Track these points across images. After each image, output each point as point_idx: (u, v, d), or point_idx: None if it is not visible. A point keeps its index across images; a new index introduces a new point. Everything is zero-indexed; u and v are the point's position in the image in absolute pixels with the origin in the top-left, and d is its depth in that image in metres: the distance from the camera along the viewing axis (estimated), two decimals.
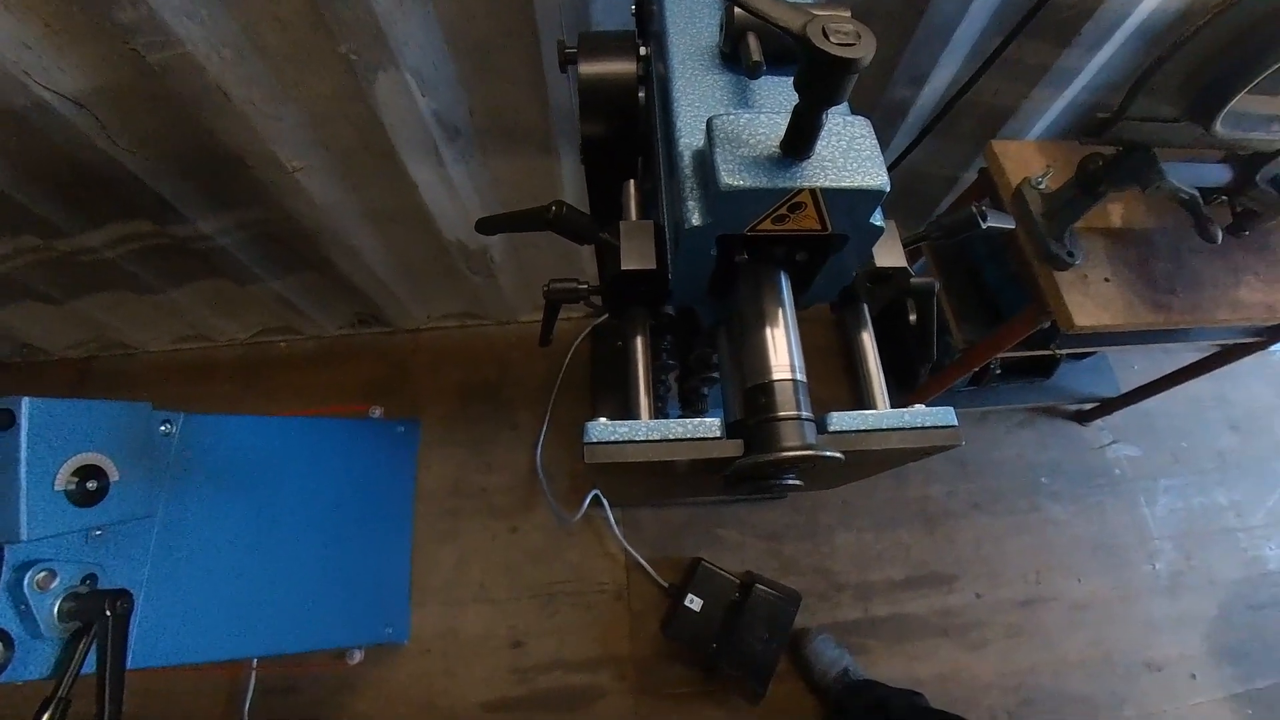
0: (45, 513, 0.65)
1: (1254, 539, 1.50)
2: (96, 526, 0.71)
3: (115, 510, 0.72)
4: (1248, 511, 1.53)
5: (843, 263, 0.51)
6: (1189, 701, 1.33)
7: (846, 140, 0.43)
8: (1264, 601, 1.44)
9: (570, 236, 0.57)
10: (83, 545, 0.71)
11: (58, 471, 0.66)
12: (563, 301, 0.61)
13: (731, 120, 0.42)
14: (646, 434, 0.46)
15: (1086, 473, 1.52)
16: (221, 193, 1.01)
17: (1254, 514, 1.53)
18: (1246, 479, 1.56)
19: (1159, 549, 1.47)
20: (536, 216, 0.56)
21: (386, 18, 0.75)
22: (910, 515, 1.44)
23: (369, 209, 1.09)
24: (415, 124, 0.91)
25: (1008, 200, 0.97)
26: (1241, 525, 1.51)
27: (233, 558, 0.92)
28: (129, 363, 1.48)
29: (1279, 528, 1.52)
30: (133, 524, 0.76)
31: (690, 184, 0.46)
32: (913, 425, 0.48)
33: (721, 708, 1.24)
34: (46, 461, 0.66)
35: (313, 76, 0.82)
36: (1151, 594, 1.42)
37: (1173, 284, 0.94)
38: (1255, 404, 1.66)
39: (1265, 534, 1.51)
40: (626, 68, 0.60)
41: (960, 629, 1.35)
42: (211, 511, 0.89)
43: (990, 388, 1.42)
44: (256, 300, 1.33)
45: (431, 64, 0.85)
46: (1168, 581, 1.44)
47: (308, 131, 0.91)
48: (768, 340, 0.48)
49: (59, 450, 0.67)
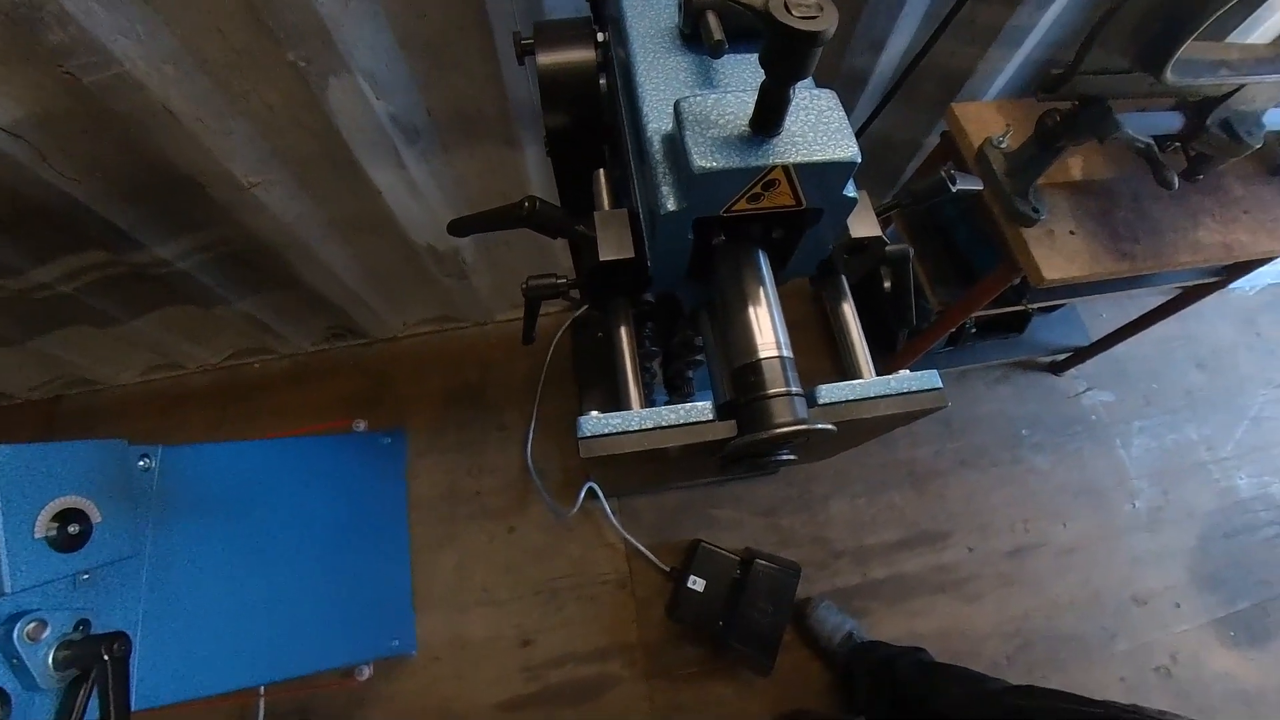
0: (28, 562, 0.63)
1: (1225, 470, 1.57)
2: (83, 571, 0.69)
3: (100, 552, 0.70)
4: (1218, 444, 1.59)
5: (819, 236, 0.51)
6: (1175, 630, 1.40)
7: (815, 114, 0.43)
8: (1238, 529, 1.51)
9: (545, 232, 0.56)
10: (71, 591, 0.69)
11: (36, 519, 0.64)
12: (542, 298, 0.60)
13: (699, 102, 0.42)
14: (640, 423, 0.46)
15: (1064, 421, 1.57)
16: (177, 215, 0.97)
17: (1224, 447, 1.59)
18: (1215, 414, 1.63)
19: (1137, 488, 1.52)
20: (509, 214, 0.55)
21: (333, 20, 0.73)
22: (900, 478, 1.47)
23: (333, 219, 1.07)
24: (373, 128, 0.89)
25: (971, 161, 0.99)
26: (1213, 458, 1.58)
27: (228, 587, 0.90)
28: (98, 399, 1.44)
29: (1248, 458, 1.59)
30: (121, 564, 0.74)
31: (662, 169, 0.45)
32: (900, 391, 0.49)
33: (732, 683, 1.26)
34: (23, 510, 0.63)
35: (262, 87, 0.80)
36: (1133, 531, 1.47)
37: (1134, 232, 0.96)
38: (1219, 341, 1.72)
39: (1235, 465, 1.58)
40: (585, 55, 0.59)
41: (956, 583, 1.39)
42: (201, 543, 0.87)
43: (967, 347, 1.45)
44: (225, 323, 1.29)
45: (384, 65, 0.82)
46: (1147, 518, 1.49)
47: (262, 144, 0.88)
48: (752, 319, 0.49)
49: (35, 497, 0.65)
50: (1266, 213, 1.00)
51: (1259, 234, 0.99)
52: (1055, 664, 1.34)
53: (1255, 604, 1.44)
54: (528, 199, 0.54)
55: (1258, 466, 1.58)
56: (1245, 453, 1.59)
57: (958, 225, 1.20)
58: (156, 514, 0.80)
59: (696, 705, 1.25)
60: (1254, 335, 1.74)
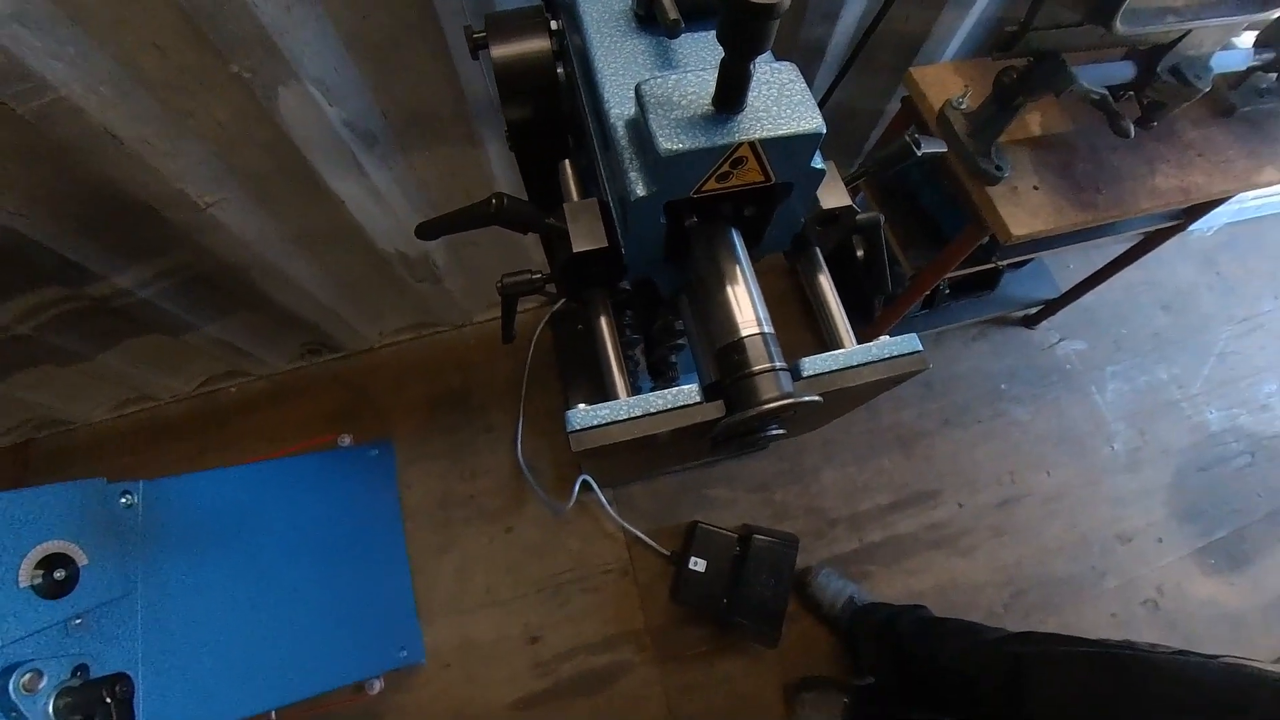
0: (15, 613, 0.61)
1: (1196, 406, 1.62)
2: (74, 615, 0.67)
3: (90, 595, 0.69)
4: (1187, 382, 1.65)
5: (791, 210, 0.51)
6: (1160, 563, 1.45)
7: (777, 87, 0.43)
8: (1211, 461, 1.56)
9: (515, 228, 0.55)
10: (64, 637, 0.67)
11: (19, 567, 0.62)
12: (518, 295, 0.60)
13: (660, 83, 0.42)
14: (629, 412, 0.46)
15: (1040, 372, 1.61)
16: (133, 242, 0.94)
17: (1193, 384, 1.65)
18: (1183, 353, 1.68)
19: (1115, 431, 1.57)
20: (478, 213, 0.54)
21: (275, 28, 0.70)
22: (887, 442, 1.49)
23: (297, 234, 1.04)
24: (328, 136, 0.87)
25: (933, 124, 0.99)
26: (1184, 396, 1.63)
27: (228, 615, 0.89)
28: (72, 439, 1.39)
29: (1216, 393, 1.65)
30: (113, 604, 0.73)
31: (628, 155, 0.45)
32: (882, 357, 0.49)
33: (742, 657, 1.28)
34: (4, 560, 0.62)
35: (208, 103, 0.77)
36: (1114, 473, 1.52)
37: (1095, 182, 0.98)
38: (1181, 283, 1.77)
39: (1205, 400, 1.63)
40: (540, 45, 0.58)
41: (949, 539, 1.42)
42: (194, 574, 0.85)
43: (942, 308, 1.48)
44: (195, 349, 1.26)
45: (333, 70, 0.80)
46: (1126, 459, 1.54)
47: (214, 162, 0.85)
48: (730, 299, 0.49)
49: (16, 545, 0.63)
50: (1219, 154, 1.03)
51: (1213, 175, 1.01)
52: (1049, 607, 1.39)
53: (1232, 531, 1.50)
54: (494, 196, 0.53)
55: (1226, 400, 1.64)
56: (1213, 388, 1.65)
57: (924, 189, 1.21)
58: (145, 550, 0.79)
59: (708, 683, 1.27)
60: (1214, 275, 1.80)
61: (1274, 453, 1.60)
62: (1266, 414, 1.64)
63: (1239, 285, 1.79)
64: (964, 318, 1.51)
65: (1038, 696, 0.74)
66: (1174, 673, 0.65)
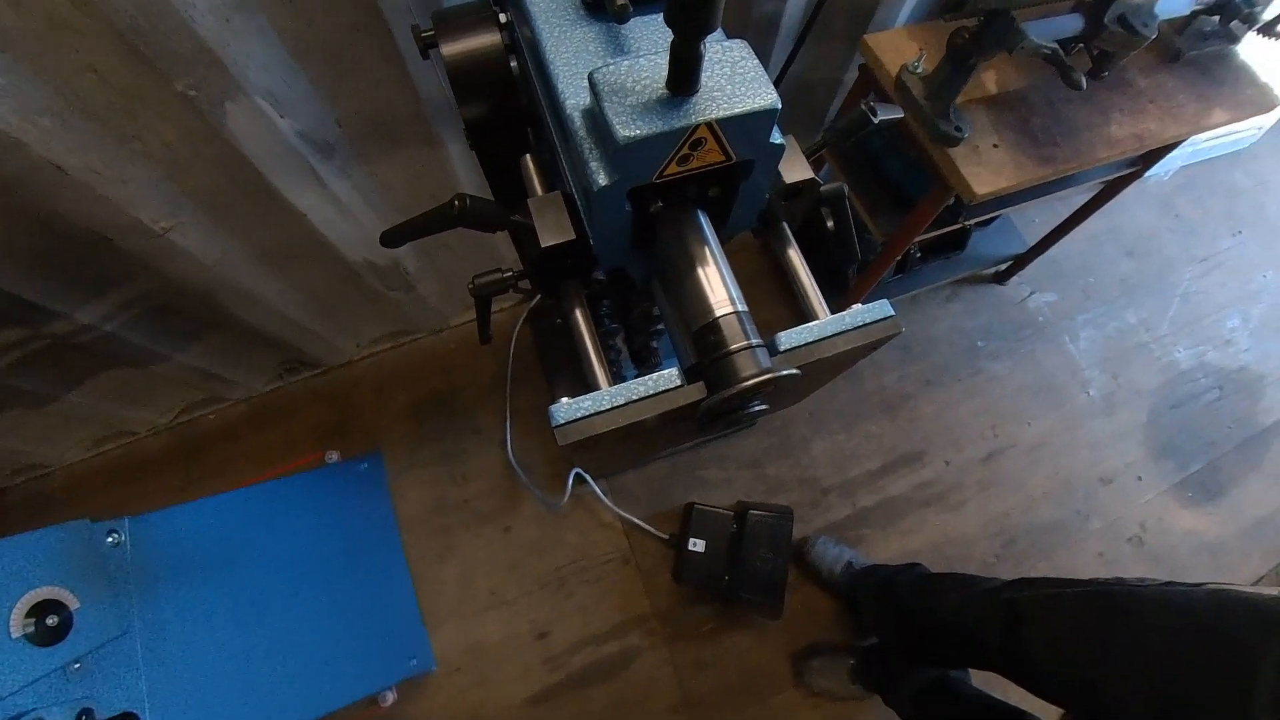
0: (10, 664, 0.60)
1: (1164, 347, 1.67)
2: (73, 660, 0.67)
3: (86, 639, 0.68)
4: (1155, 324, 1.69)
5: (755, 187, 0.51)
6: (1140, 500, 1.50)
7: (729, 66, 0.43)
8: (1182, 399, 1.61)
9: (481, 227, 0.55)
10: (65, 683, 0.66)
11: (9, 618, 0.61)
12: (492, 295, 0.60)
13: (612, 71, 0.42)
14: (611, 401, 0.46)
15: (1014, 327, 1.64)
16: (91, 276, 0.91)
17: (1160, 325, 1.70)
18: (1149, 297, 1.72)
19: (1089, 377, 1.61)
20: (442, 216, 0.54)
21: (216, 41, 0.68)
22: (872, 408, 1.52)
23: (260, 251, 1.02)
24: (282, 149, 0.85)
25: (891, 90, 1.00)
26: (1152, 338, 1.68)
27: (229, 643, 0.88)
28: (48, 484, 1.36)
29: (1183, 332, 1.70)
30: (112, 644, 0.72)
31: (588, 145, 0.45)
32: (856, 325, 0.50)
33: (748, 630, 1.30)
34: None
35: (154, 124, 0.75)
36: (1091, 418, 1.57)
37: (1053, 136, 1.00)
38: (1142, 228, 1.81)
39: (1173, 340, 1.68)
40: (491, 40, 0.57)
41: (939, 497, 1.45)
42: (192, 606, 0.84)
43: (915, 272, 1.50)
44: (168, 379, 1.23)
45: (281, 81, 0.78)
46: (1102, 404, 1.59)
47: (167, 186, 0.83)
48: (702, 280, 0.49)
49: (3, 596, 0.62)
50: (1170, 100, 1.05)
51: (1165, 121, 1.03)
52: (1039, 553, 1.43)
53: (1207, 464, 1.55)
54: (457, 197, 0.53)
55: (1192, 338, 1.69)
56: (1180, 328, 1.70)
57: (887, 156, 1.22)
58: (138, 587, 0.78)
59: (717, 659, 1.29)
60: (1173, 218, 1.84)
61: (1241, 385, 1.65)
62: (1231, 348, 1.69)
63: (1198, 226, 1.84)
64: (937, 279, 1.53)
65: (1035, 639, 0.77)
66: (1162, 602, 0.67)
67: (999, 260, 1.59)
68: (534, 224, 0.52)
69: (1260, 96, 1.07)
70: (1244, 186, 1.92)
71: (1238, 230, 1.85)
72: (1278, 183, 1.94)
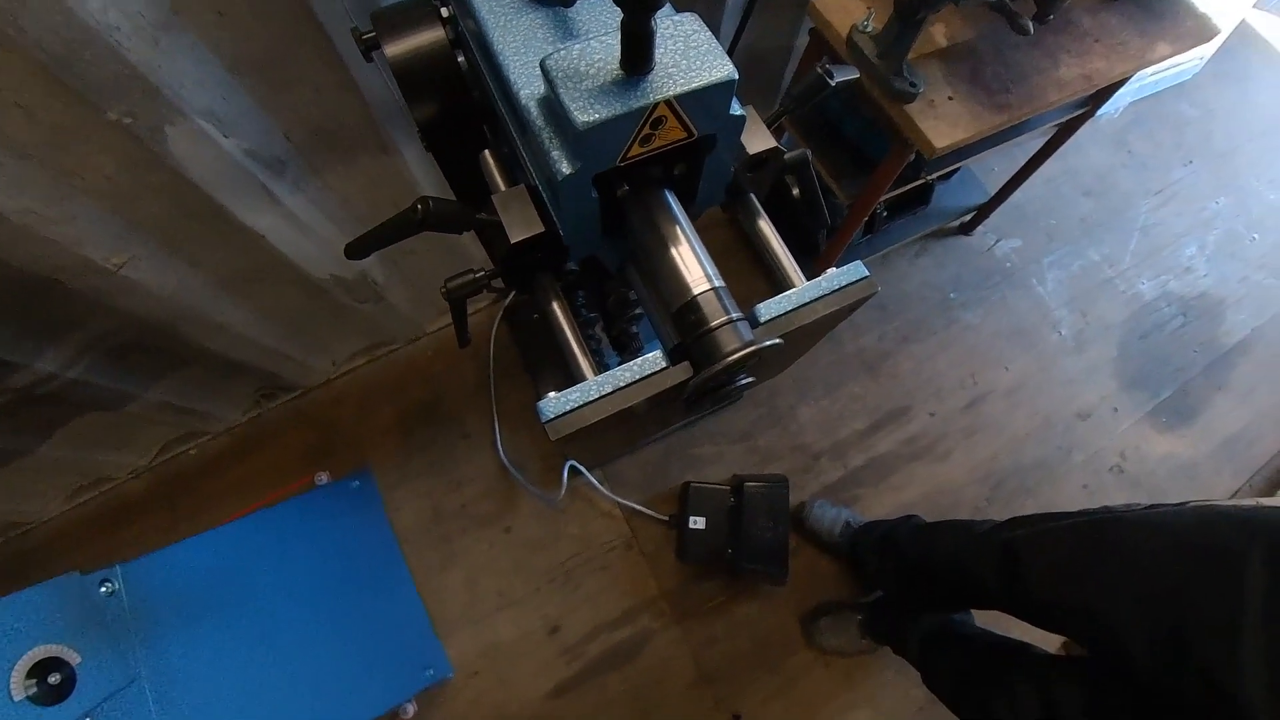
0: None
1: (1128, 280, 1.72)
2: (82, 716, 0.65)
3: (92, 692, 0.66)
4: (1117, 259, 1.74)
5: (719, 161, 0.51)
6: (1118, 431, 1.55)
7: (682, 40, 0.42)
8: (1149, 329, 1.67)
9: (447, 229, 0.54)
10: None
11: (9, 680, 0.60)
12: (466, 296, 0.59)
13: (565, 56, 0.41)
14: (599, 391, 0.46)
15: (983, 275, 1.67)
16: (45, 322, 0.88)
17: (1122, 260, 1.74)
18: (1109, 233, 1.77)
19: (1059, 317, 1.65)
20: (405, 222, 0.52)
21: (147, 65, 0.66)
22: (854, 369, 1.54)
23: (220, 278, 0.99)
24: (231, 170, 0.82)
25: (843, 52, 1.00)
26: (1116, 273, 1.72)
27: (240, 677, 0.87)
28: (30, 540, 1.31)
29: (1144, 264, 1.74)
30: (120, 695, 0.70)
31: (547, 134, 0.44)
32: (833, 289, 0.50)
33: (755, 600, 1.33)
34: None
35: (92, 158, 0.72)
36: (1064, 356, 1.61)
37: (1005, 83, 1.01)
38: (1098, 167, 1.85)
39: (1135, 273, 1.73)
40: (435, 36, 0.55)
41: (926, 449, 1.49)
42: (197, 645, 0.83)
43: (883, 231, 1.51)
44: (142, 419, 1.20)
45: (221, 99, 0.75)
46: (1073, 342, 1.63)
47: (114, 220, 0.80)
48: (677, 260, 0.49)
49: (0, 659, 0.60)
50: (1114, 37, 1.07)
51: (1112, 59, 1.05)
52: (1027, 491, 1.47)
53: (1177, 389, 1.61)
54: (420, 201, 0.51)
55: (1154, 269, 1.74)
56: (1141, 260, 1.75)
57: (846, 118, 1.23)
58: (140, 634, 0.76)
59: (729, 631, 1.31)
60: (1126, 154, 1.89)
61: (1203, 310, 1.71)
62: (1191, 275, 1.75)
63: (1150, 160, 1.88)
64: (905, 236, 1.55)
65: (1032, 574, 0.79)
66: (1149, 525, 0.70)
67: (963, 211, 1.61)
68: (501, 220, 0.51)
69: (1200, 27, 1.09)
70: (1191, 117, 1.96)
71: (1188, 160, 1.90)
72: (1222, 110, 1.99)
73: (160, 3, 0.64)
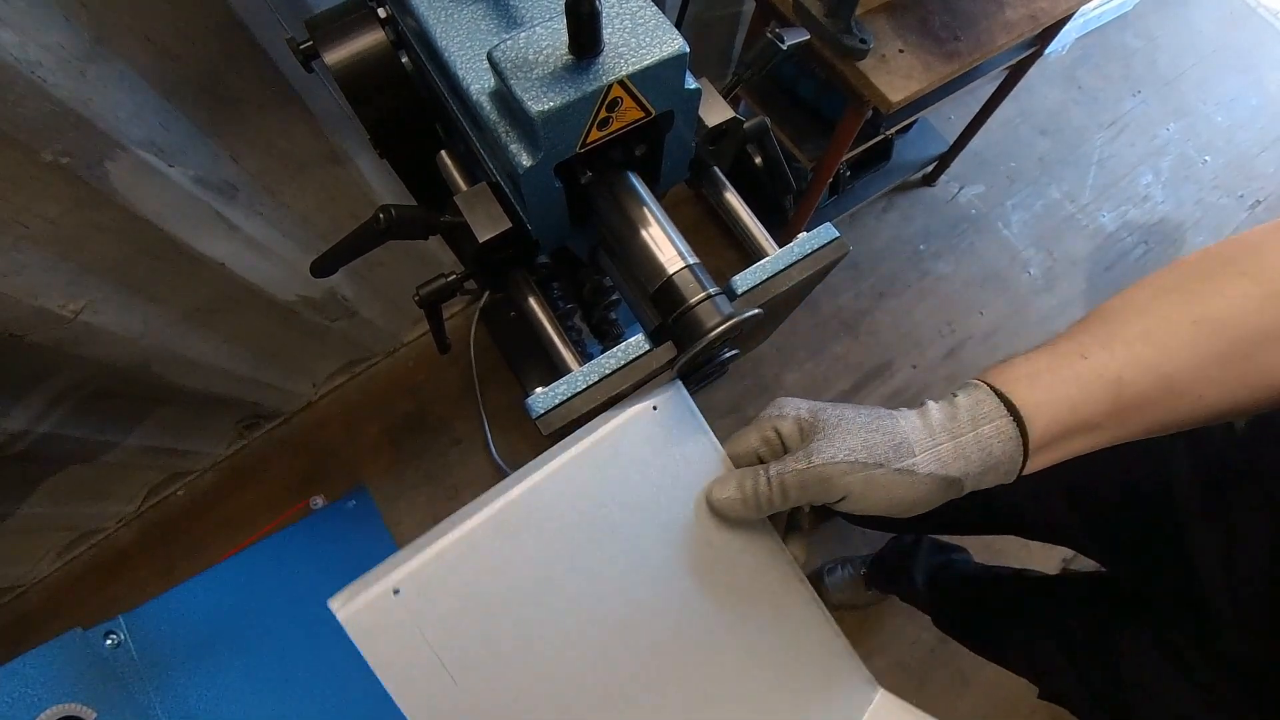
0: None
1: (1090, 215, 1.75)
2: None
3: None
4: (1077, 195, 1.77)
5: (680, 137, 0.51)
6: None
7: (629, 18, 0.41)
8: (1113, 260, 1.70)
9: (412, 236, 0.53)
10: None
11: None
12: (439, 301, 0.58)
13: (511, 45, 0.40)
14: (586, 381, 0.46)
15: (950, 224, 1.69)
16: (8, 379, 0.85)
17: (1082, 195, 1.77)
18: (1067, 169, 1.79)
19: (1028, 258, 1.68)
20: (369, 233, 0.51)
21: (76, 98, 0.63)
22: (834, 330, 1.55)
23: (185, 312, 0.97)
24: (180, 201, 0.79)
25: (791, 14, 0.99)
26: (1078, 208, 1.75)
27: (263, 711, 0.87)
28: (26, 603, 1.28)
29: (1104, 197, 1.78)
30: None
31: (502, 128, 0.43)
32: (805, 253, 0.51)
33: None
34: None
35: (33, 203, 0.69)
36: (1036, 295, 1.64)
37: (953, 31, 1.01)
38: (1050, 105, 1.87)
39: (1096, 207, 1.76)
40: (375, 38, 0.54)
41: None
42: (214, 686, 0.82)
43: (848, 191, 1.52)
44: (124, 466, 1.17)
45: (160, 127, 0.73)
46: (1043, 281, 1.66)
47: (65, 266, 0.77)
48: (648, 242, 0.48)
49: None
50: None
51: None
52: None
53: None
54: (381, 210, 0.50)
55: (1113, 201, 1.77)
56: (1100, 193, 1.78)
57: (800, 81, 1.22)
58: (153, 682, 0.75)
59: None
60: (1077, 90, 1.91)
61: (1163, 235, 1.75)
62: (1149, 203, 1.79)
63: (1100, 93, 1.91)
64: (870, 194, 1.56)
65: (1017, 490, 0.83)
66: None
67: (924, 163, 1.63)
68: (467, 221, 0.50)
69: None
70: (1135, 47, 1.99)
71: (1137, 90, 1.93)
72: (1165, 38, 2.02)
73: (81, 33, 0.62)
